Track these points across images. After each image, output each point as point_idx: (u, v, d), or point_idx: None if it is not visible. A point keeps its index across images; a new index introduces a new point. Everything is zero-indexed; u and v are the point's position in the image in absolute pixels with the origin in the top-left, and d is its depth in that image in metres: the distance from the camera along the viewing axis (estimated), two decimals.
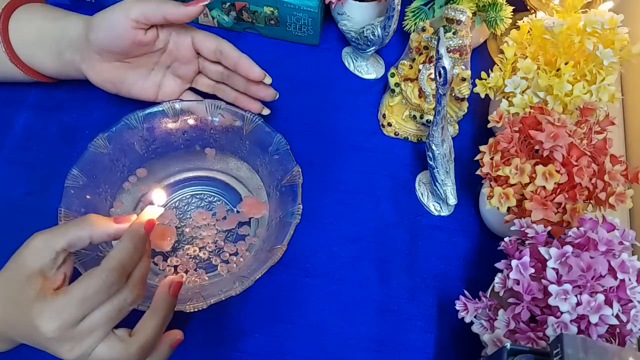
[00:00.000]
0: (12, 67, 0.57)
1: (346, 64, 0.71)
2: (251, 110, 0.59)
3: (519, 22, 0.60)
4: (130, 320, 0.41)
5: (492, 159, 0.53)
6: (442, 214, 0.62)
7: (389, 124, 0.66)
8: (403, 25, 0.65)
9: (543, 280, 0.43)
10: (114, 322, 0.39)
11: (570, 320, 0.41)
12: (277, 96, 0.59)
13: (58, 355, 0.38)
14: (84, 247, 0.42)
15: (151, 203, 0.46)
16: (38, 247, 0.40)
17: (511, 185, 0.51)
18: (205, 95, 0.62)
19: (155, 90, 0.59)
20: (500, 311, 0.46)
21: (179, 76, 0.59)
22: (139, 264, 0.42)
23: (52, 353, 0.38)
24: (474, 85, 0.60)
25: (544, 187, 0.49)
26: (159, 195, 0.47)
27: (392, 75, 0.64)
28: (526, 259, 0.45)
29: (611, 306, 0.41)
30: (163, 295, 0.43)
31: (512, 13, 0.63)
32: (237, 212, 0.58)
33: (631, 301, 0.43)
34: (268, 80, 0.58)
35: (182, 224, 0.58)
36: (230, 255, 0.56)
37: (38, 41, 0.56)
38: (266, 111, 0.60)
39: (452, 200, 0.59)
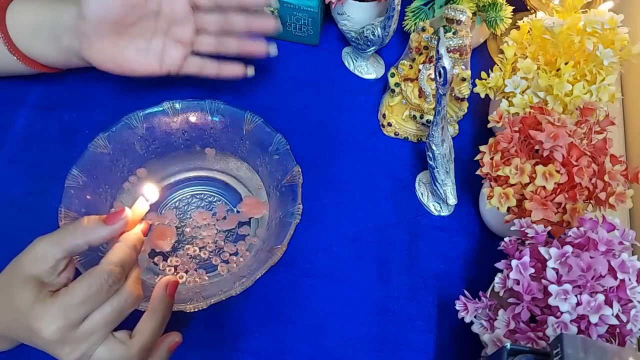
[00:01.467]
0: (13, 59, 0.57)
1: (346, 64, 0.71)
2: (257, 53, 0.60)
3: (519, 22, 0.60)
4: (128, 319, 0.41)
5: (492, 159, 0.53)
6: (442, 214, 0.62)
7: (389, 124, 0.66)
8: (403, 25, 0.65)
9: (543, 280, 0.43)
10: (113, 324, 0.39)
11: (570, 320, 0.41)
12: (280, 27, 0.60)
13: (58, 357, 0.38)
14: (83, 251, 0.42)
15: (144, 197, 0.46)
16: (38, 254, 0.39)
17: (511, 185, 0.51)
18: (207, 92, 0.62)
19: (157, 61, 0.58)
20: (500, 311, 0.46)
21: (179, 41, 0.58)
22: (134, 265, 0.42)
23: (53, 355, 0.38)
24: (474, 85, 0.60)
25: (544, 187, 0.49)
26: (150, 190, 0.47)
27: (392, 75, 0.64)
28: (526, 259, 0.45)
29: (611, 306, 0.41)
30: (160, 295, 0.43)
31: (512, 13, 0.63)
32: (237, 212, 0.58)
33: (631, 301, 0.43)
34: (274, 2, 0.58)
35: (182, 224, 0.58)
36: (230, 255, 0.56)
37: (35, 31, 0.56)
38: (250, 70, 0.61)
39: (452, 200, 0.59)
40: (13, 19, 0.55)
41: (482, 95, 0.60)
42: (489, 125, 0.57)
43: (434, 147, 0.57)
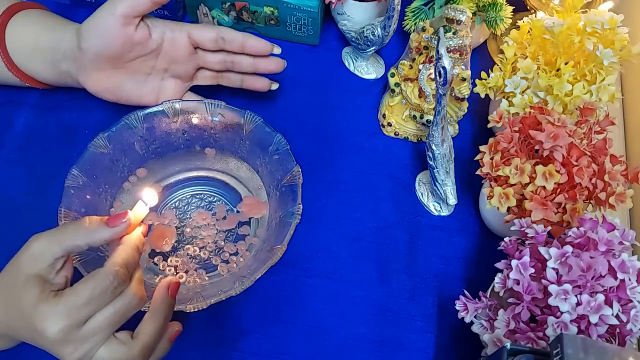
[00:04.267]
0: (10, 74, 0.57)
1: (346, 64, 0.71)
2: (260, 89, 0.60)
3: (519, 22, 0.60)
4: (130, 320, 0.41)
5: (492, 159, 0.53)
6: (442, 214, 0.62)
7: (389, 124, 0.66)
8: (403, 25, 0.65)
9: (543, 280, 0.43)
10: (116, 325, 0.39)
11: (570, 320, 0.41)
12: (286, 65, 0.60)
13: (60, 357, 0.38)
14: (82, 251, 0.42)
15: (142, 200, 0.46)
16: (36, 253, 0.39)
17: (511, 185, 0.51)
18: (207, 92, 0.62)
19: (154, 95, 0.58)
20: (500, 311, 0.46)
21: (179, 76, 0.59)
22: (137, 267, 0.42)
23: (55, 355, 0.38)
24: (474, 85, 0.60)
25: (544, 187, 0.49)
26: (149, 195, 0.46)
27: (392, 75, 0.64)
28: (526, 259, 0.45)
29: (611, 306, 0.41)
30: (162, 296, 0.43)
31: (512, 13, 0.63)
32: (237, 212, 0.58)
33: (631, 301, 0.43)
34: (277, 50, 0.58)
35: (182, 224, 0.58)
36: (230, 255, 0.56)
37: (34, 51, 0.55)
38: (275, 85, 0.61)
39: (452, 200, 0.59)
40: (14, 35, 0.55)
41: (482, 95, 0.60)
42: (489, 125, 0.57)
43: (434, 147, 0.57)
